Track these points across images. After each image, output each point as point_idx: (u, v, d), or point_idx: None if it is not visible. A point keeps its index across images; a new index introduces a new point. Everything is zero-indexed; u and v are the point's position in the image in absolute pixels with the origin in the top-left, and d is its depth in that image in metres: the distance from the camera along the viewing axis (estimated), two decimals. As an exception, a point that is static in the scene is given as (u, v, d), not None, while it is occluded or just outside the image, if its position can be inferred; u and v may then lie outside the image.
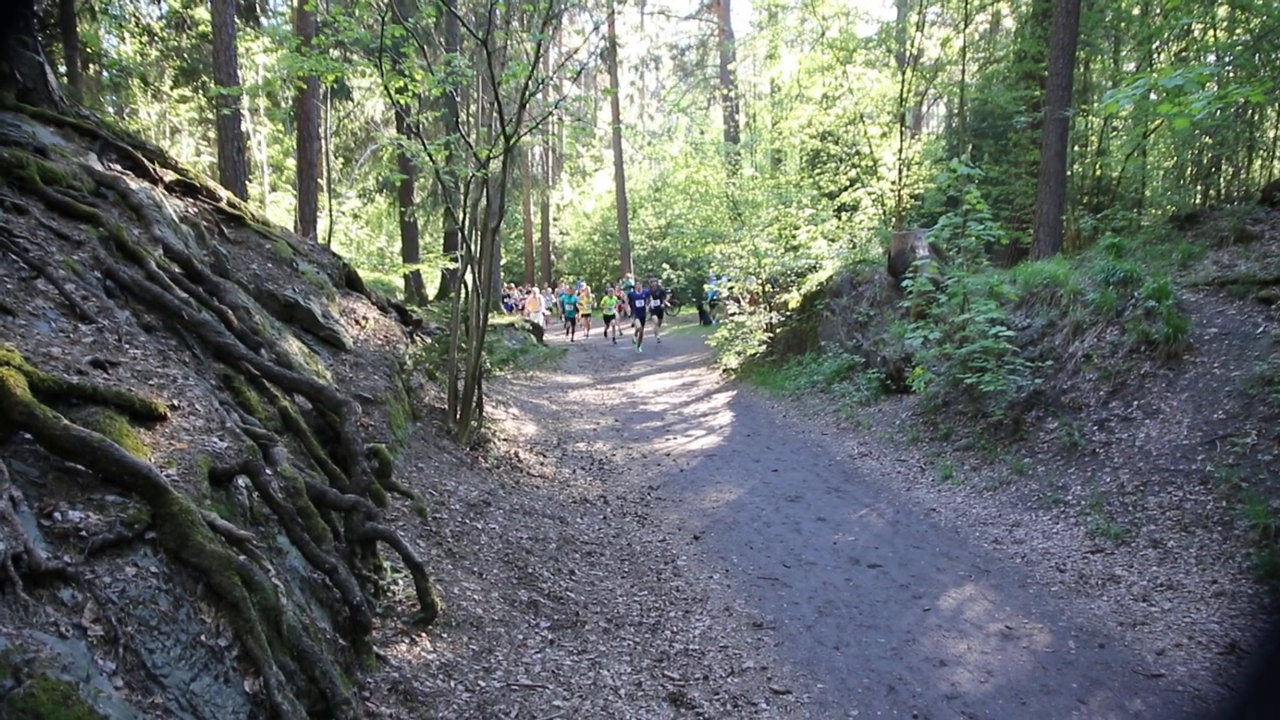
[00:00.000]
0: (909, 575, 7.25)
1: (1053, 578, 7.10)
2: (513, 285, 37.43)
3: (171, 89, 23.09)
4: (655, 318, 27.30)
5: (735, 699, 5.25)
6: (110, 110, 19.09)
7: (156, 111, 24.58)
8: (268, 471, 4.26)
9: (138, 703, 2.65)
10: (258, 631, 3.21)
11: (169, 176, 7.88)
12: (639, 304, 25.79)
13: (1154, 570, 6.89)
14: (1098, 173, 19.41)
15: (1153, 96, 10.27)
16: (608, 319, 28.41)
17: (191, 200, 8.03)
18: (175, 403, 4.12)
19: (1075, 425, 9.19)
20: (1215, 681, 5.34)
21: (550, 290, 35.99)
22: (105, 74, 17.24)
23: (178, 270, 5.95)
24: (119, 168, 7.14)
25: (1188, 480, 7.59)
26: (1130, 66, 19.96)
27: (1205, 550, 6.86)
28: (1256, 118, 15.95)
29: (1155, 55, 18.20)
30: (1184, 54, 16.74)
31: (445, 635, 5.08)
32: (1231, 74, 13.82)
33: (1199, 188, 17.83)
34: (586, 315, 30.93)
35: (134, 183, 6.85)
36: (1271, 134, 16.94)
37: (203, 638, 3.05)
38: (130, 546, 3.03)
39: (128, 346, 4.42)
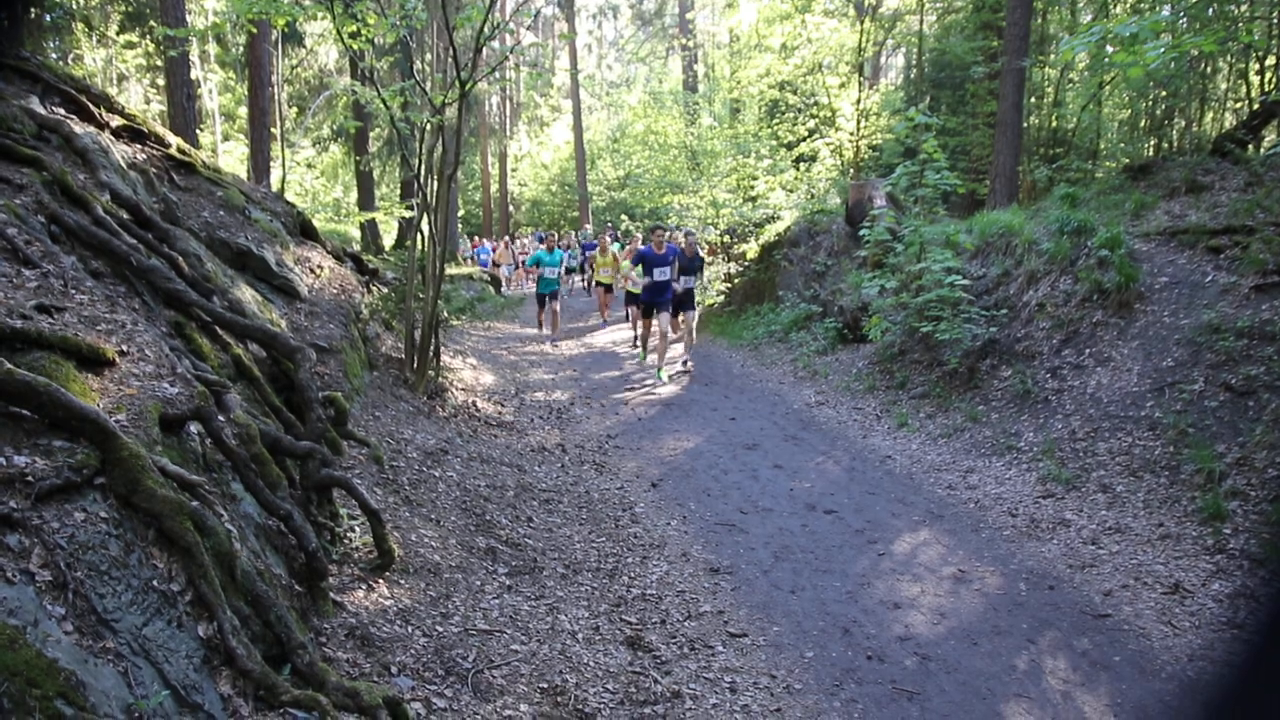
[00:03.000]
0: (864, 521, 7.34)
1: (1005, 522, 7.23)
2: (483, 239, 36.03)
3: (118, 34, 22.44)
4: (686, 310, 14.08)
5: (692, 642, 5.30)
6: (53, 55, 18.55)
7: (102, 57, 23.91)
8: (220, 418, 4.21)
9: (88, 647, 2.62)
10: (211, 576, 3.19)
11: (115, 122, 7.67)
12: (660, 277, 13.23)
13: (1103, 514, 7.04)
14: (1054, 124, 19.52)
15: (1109, 49, 10.31)
16: (632, 299, 16.63)
17: (140, 146, 7.83)
18: (124, 348, 4.05)
19: (1028, 373, 9.31)
20: (1159, 620, 5.49)
21: (512, 242, 33.14)
22: (47, 17, 16.73)
23: (126, 216, 5.81)
24: (62, 112, 6.93)
25: (1137, 426, 7.73)
26: (1088, 18, 20.01)
27: (1152, 494, 7.01)
28: (1209, 70, 16.08)
29: (1111, 6, 18.24)
30: (1140, 5, 16.79)
31: (403, 581, 5.08)
32: (1185, 25, 13.89)
33: (1152, 139, 17.99)
34: (606, 286, 20.36)
35: (79, 127, 6.66)
36: (1223, 87, 17.09)
37: (155, 583, 3.02)
38: (79, 492, 2.98)
39: (74, 292, 4.33)
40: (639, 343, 15.59)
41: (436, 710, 3.92)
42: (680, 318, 14.22)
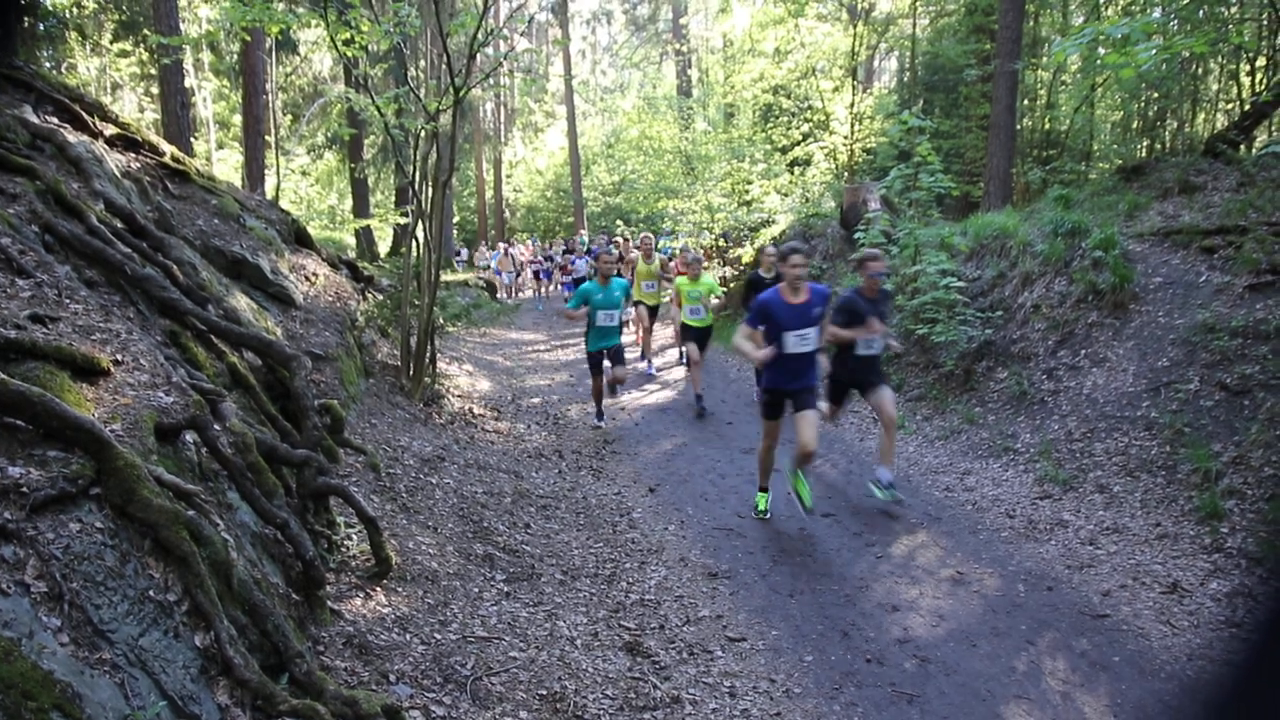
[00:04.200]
0: (861, 524, 7.33)
1: (1002, 524, 7.23)
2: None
3: (111, 43, 22.46)
4: (876, 385, 7.80)
5: (691, 647, 5.30)
6: (47, 63, 18.54)
7: (96, 66, 23.95)
8: (216, 427, 4.20)
9: (84, 658, 2.61)
10: (208, 586, 3.18)
11: (109, 130, 7.68)
12: (798, 348, 6.91)
13: (1100, 514, 7.04)
14: (1047, 126, 19.57)
15: (1101, 51, 10.35)
16: (691, 334, 12.12)
17: (134, 155, 7.84)
18: (119, 358, 4.04)
19: (1024, 374, 9.31)
20: (1158, 620, 5.48)
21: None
22: (40, 26, 16.72)
23: (120, 225, 5.81)
24: (56, 120, 6.94)
25: (1133, 426, 7.73)
26: (1079, 21, 20.06)
27: (1149, 494, 7.01)
28: (1200, 71, 16.14)
29: (1103, 8, 18.29)
30: (1131, 7, 16.84)
31: (400, 589, 5.07)
32: (1176, 26, 13.93)
33: (1145, 140, 18.06)
34: (651, 308, 14.55)
35: (72, 136, 6.67)
36: (1215, 88, 17.15)
37: (151, 593, 3.01)
38: (74, 502, 2.98)
39: (68, 301, 4.32)
40: (699, 402, 11.57)
41: (435, 718, 3.91)
42: (874, 398, 7.81)
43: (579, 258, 23.48)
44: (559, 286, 26.60)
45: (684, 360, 13.54)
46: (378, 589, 4.95)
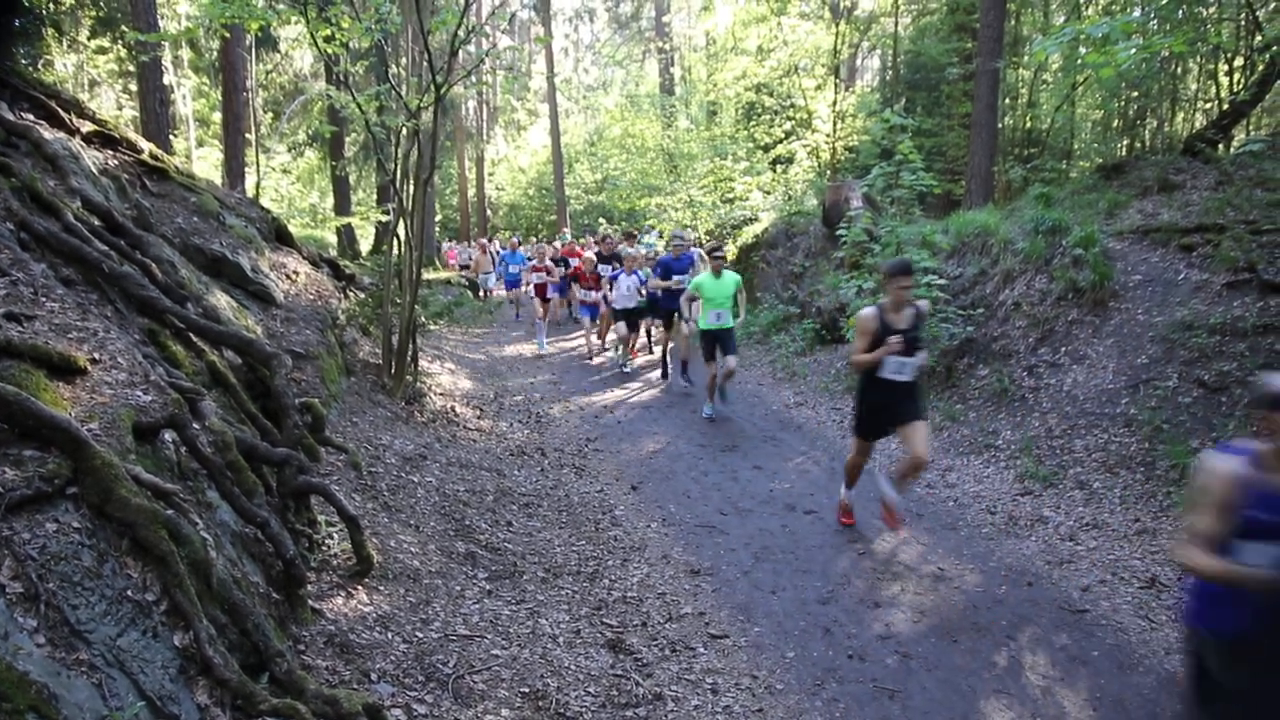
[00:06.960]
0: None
1: (983, 520, 7.26)
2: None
3: (89, 39, 22.26)
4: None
5: (673, 644, 5.30)
6: (23, 60, 18.37)
7: (73, 63, 23.70)
8: (195, 425, 4.17)
9: (61, 659, 2.60)
10: (186, 585, 3.16)
11: (86, 127, 7.61)
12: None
13: (1080, 510, 7.08)
14: (1028, 124, 19.66)
15: (1082, 50, 10.40)
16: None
17: (111, 152, 7.77)
18: (96, 356, 4.01)
19: (1006, 372, 9.35)
20: (1136, 615, 5.52)
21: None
22: (16, 22, 16.59)
23: (97, 223, 5.76)
24: (32, 117, 6.87)
25: (1112, 423, 7.78)
26: (1060, 20, 20.17)
27: (1128, 490, 7.07)
28: (1179, 70, 16.24)
29: (1083, 7, 18.39)
30: (1111, 6, 16.93)
31: (382, 588, 5.05)
32: (1156, 26, 14.02)
33: (1124, 139, 18.17)
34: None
35: (48, 133, 6.61)
36: (1194, 87, 17.27)
37: (129, 593, 2.99)
38: (50, 502, 2.96)
39: (45, 300, 4.28)
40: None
41: (417, 716, 3.90)
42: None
43: (619, 271, 14.45)
44: (576, 309, 17.24)
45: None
46: (359, 588, 4.93)
